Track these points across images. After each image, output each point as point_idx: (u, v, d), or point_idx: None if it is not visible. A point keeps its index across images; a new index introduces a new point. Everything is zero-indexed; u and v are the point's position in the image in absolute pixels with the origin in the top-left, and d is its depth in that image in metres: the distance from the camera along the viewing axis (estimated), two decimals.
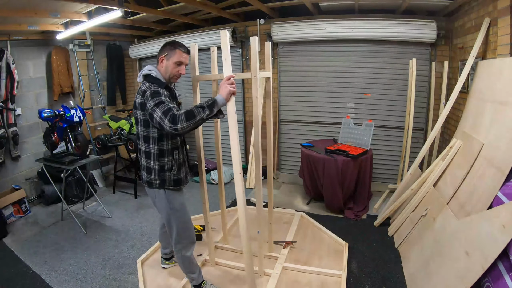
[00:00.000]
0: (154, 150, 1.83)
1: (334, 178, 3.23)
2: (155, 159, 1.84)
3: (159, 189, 1.88)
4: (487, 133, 2.17)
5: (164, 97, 1.69)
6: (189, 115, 1.58)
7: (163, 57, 1.83)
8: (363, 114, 4.00)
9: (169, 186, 1.88)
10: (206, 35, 4.36)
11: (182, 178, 1.94)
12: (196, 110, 1.60)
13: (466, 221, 1.91)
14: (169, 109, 1.62)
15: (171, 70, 1.84)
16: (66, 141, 3.43)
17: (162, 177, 1.86)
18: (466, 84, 2.82)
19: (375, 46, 3.78)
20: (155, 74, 1.82)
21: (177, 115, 1.59)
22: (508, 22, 2.17)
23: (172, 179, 1.88)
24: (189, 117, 1.58)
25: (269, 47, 2.23)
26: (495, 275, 1.55)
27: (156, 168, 1.85)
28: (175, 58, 1.81)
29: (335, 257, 2.55)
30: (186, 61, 1.87)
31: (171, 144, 1.86)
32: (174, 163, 1.88)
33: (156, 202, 1.95)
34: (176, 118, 1.58)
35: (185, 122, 1.57)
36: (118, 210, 3.75)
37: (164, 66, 1.84)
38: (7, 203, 3.51)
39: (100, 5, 2.92)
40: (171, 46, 1.82)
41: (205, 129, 2.69)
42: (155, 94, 1.69)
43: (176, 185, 1.91)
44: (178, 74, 1.87)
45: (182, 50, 1.83)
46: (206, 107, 1.62)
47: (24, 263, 2.71)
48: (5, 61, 3.53)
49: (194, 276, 2.09)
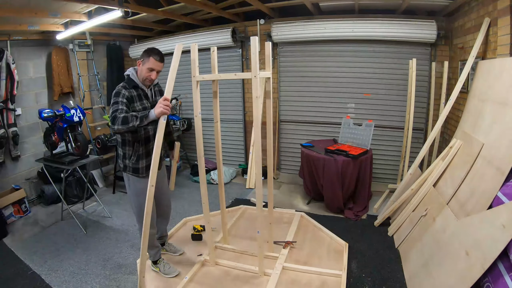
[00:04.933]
0: (119, 139, 2.19)
1: (334, 178, 3.23)
2: (120, 146, 2.20)
3: (123, 172, 2.22)
4: (487, 133, 2.16)
5: (121, 98, 1.98)
6: (124, 120, 1.86)
7: (140, 62, 2.08)
8: (363, 114, 3.99)
9: (129, 172, 2.18)
10: (206, 35, 4.37)
11: (140, 168, 2.17)
12: (131, 118, 1.86)
13: (466, 221, 1.91)
14: (115, 110, 1.93)
15: (144, 74, 2.07)
16: (66, 141, 3.43)
17: (124, 162, 2.19)
18: (466, 84, 2.82)
19: (375, 46, 3.78)
20: (131, 75, 2.10)
21: (117, 117, 1.87)
22: (508, 22, 2.17)
23: (131, 166, 2.17)
24: (124, 122, 1.86)
25: (269, 47, 2.23)
26: (495, 275, 1.55)
27: (121, 154, 2.20)
28: (148, 65, 2.04)
29: (335, 257, 2.55)
30: (158, 68, 2.07)
31: (132, 138, 2.13)
32: (133, 153, 2.15)
33: (125, 184, 2.28)
34: (115, 120, 1.88)
35: (120, 125, 1.86)
36: (118, 210, 3.75)
37: (140, 69, 2.09)
38: (7, 203, 3.51)
39: (100, 5, 2.93)
40: (147, 53, 2.04)
41: (205, 129, 2.69)
42: (115, 94, 2.01)
43: (135, 172, 2.17)
44: (149, 78, 2.09)
45: (155, 58, 2.03)
46: (138, 118, 1.87)
47: (24, 263, 2.71)
48: (5, 61, 3.53)
49: (151, 252, 2.35)
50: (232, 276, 2.35)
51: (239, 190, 4.21)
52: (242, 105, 4.66)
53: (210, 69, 2.30)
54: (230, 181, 4.54)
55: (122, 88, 2.04)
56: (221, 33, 4.27)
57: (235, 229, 3.04)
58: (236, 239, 2.82)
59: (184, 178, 4.73)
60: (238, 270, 2.40)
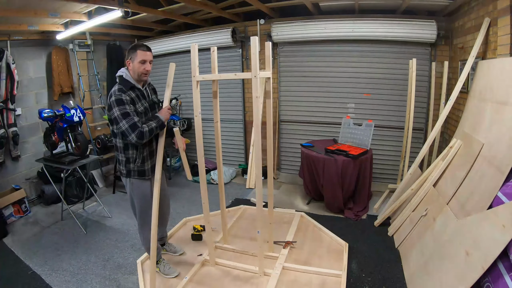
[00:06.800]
0: (120, 144, 2.12)
1: (334, 178, 3.23)
2: (121, 152, 2.13)
3: (126, 178, 2.17)
4: (487, 133, 2.16)
5: (127, 106, 1.97)
6: (151, 131, 1.99)
7: (128, 61, 2.06)
8: (363, 114, 3.99)
9: (134, 176, 2.14)
10: (206, 35, 4.37)
11: (147, 170, 2.16)
12: (155, 128, 2.02)
13: (466, 221, 1.90)
14: (134, 124, 1.95)
15: (138, 69, 2.04)
16: (66, 141, 3.43)
17: (128, 168, 2.13)
18: (466, 84, 2.82)
19: (375, 46, 3.78)
20: (125, 76, 2.07)
21: (143, 132, 1.95)
22: (508, 22, 2.17)
23: (136, 170, 2.13)
24: (151, 133, 2.00)
25: (269, 47, 2.23)
26: (495, 275, 1.54)
27: (123, 160, 2.13)
28: (138, 58, 2.02)
29: (335, 257, 2.55)
30: (148, 57, 2.05)
31: None
32: (138, 156, 2.11)
33: (126, 189, 2.23)
34: (143, 135, 1.95)
35: (148, 137, 1.99)
36: (118, 210, 3.74)
37: (131, 68, 2.06)
38: (7, 203, 3.51)
39: (100, 5, 2.93)
40: (132, 49, 2.04)
41: (205, 129, 2.68)
42: (118, 103, 1.96)
43: (141, 175, 2.14)
44: (144, 71, 2.06)
45: (142, 49, 2.03)
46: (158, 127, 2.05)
47: (24, 263, 2.71)
48: (5, 61, 3.53)
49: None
50: (232, 276, 2.36)
51: (239, 190, 4.21)
52: (242, 105, 4.65)
53: (210, 69, 2.30)
54: (230, 181, 4.54)
55: (120, 94, 1.97)
56: (221, 33, 4.27)
57: (235, 229, 3.04)
58: (236, 239, 2.82)
59: (184, 178, 4.73)
60: (238, 270, 2.40)
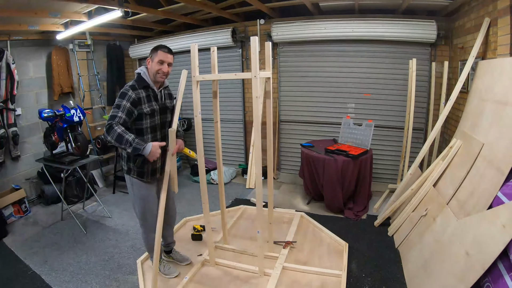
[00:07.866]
0: None
1: (334, 178, 3.23)
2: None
3: (127, 174, 2.15)
4: (487, 133, 2.16)
5: (126, 101, 1.92)
6: (118, 139, 1.84)
7: (149, 60, 2.07)
8: (363, 114, 3.99)
9: (134, 175, 2.11)
10: (206, 35, 4.37)
11: (145, 172, 2.11)
12: (126, 141, 1.84)
13: (466, 221, 1.91)
14: (114, 116, 1.88)
15: (155, 68, 2.03)
16: (66, 141, 3.43)
17: (128, 165, 2.12)
18: (466, 84, 2.82)
19: (375, 46, 3.78)
20: (142, 74, 2.06)
21: (113, 130, 1.84)
22: (508, 22, 2.17)
23: (136, 170, 2.10)
24: (118, 140, 1.85)
25: (269, 47, 2.23)
26: (495, 275, 1.55)
27: (125, 156, 2.12)
28: (158, 58, 2.01)
29: (335, 257, 2.55)
30: (167, 59, 2.04)
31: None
32: (138, 157, 2.04)
33: (128, 186, 2.20)
34: (110, 131, 1.85)
35: (113, 140, 1.85)
36: (118, 210, 3.74)
37: (150, 66, 2.05)
38: (7, 203, 3.51)
39: (100, 5, 2.93)
40: (155, 48, 2.04)
41: (205, 129, 2.69)
42: (121, 95, 1.95)
43: (140, 176, 2.11)
44: (162, 71, 2.04)
45: (163, 51, 2.03)
46: (132, 146, 1.85)
47: (24, 263, 2.71)
48: (5, 61, 3.53)
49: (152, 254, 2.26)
50: (232, 276, 2.36)
51: (239, 190, 4.21)
52: (242, 105, 4.65)
53: (210, 69, 2.30)
54: (230, 181, 4.54)
55: (129, 89, 1.97)
56: (221, 33, 4.27)
57: (235, 229, 3.04)
58: (236, 239, 2.82)
59: (184, 178, 4.73)
60: (238, 270, 2.40)
